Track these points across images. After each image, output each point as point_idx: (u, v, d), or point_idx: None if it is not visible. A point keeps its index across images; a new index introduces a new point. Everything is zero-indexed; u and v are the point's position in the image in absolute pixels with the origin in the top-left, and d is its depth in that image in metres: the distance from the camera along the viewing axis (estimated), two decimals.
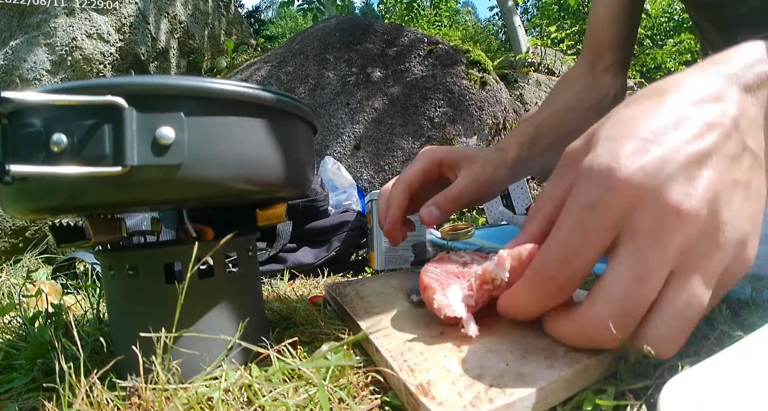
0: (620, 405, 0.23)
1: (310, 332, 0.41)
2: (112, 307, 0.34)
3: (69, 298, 0.58)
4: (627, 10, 0.60)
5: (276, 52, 2.05)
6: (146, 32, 2.11)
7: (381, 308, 0.41)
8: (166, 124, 0.25)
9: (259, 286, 0.39)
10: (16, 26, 1.90)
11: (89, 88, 0.24)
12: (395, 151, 1.64)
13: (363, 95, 1.75)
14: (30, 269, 1.04)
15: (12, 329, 0.46)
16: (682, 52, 7.30)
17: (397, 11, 6.81)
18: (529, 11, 12.24)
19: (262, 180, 0.30)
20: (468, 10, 19.34)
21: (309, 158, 0.36)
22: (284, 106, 0.31)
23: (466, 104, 1.72)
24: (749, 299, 0.33)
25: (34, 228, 1.64)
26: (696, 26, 0.68)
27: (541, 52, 3.20)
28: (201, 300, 0.32)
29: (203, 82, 0.27)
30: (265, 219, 0.38)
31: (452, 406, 0.22)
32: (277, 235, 0.81)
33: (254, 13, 7.74)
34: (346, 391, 0.26)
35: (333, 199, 1.15)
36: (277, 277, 0.74)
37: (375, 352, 0.31)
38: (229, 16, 2.91)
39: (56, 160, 0.24)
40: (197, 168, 0.26)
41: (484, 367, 0.25)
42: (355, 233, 0.86)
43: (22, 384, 0.34)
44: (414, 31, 1.94)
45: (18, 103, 0.24)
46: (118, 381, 0.27)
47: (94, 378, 0.26)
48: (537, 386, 0.23)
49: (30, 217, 0.30)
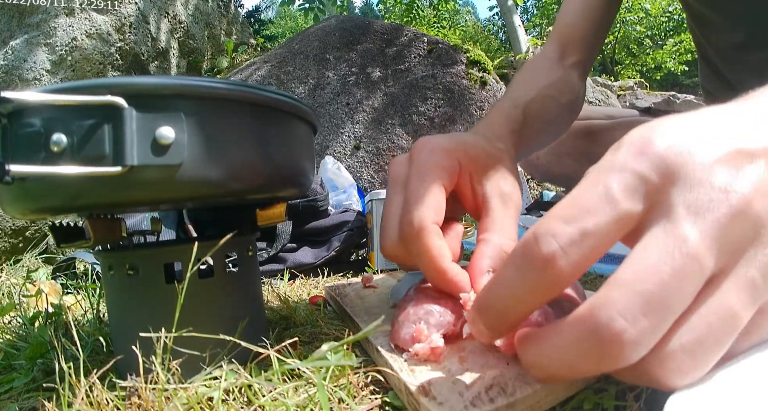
0: (620, 404, 0.23)
1: (310, 332, 0.41)
2: (112, 307, 0.34)
3: (69, 298, 0.58)
4: (601, 7, 0.58)
5: (276, 52, 2.05)
6: (146, 32, 2.11)
7: (381, 308, 0.41)
8: (166, 124, 0.25)
9: (259, 286, 0.39)
10: (16, 26, 1.90)
11: (89, 88, 0.24)
12: (395, 151, 1.64)
13: (363, 95, 1.75)
14: (30, 269, 1.04)
15: (12, 329, 0.46)
16: (682, 52, 7.30)
17: (397, 12, 6.81)
18: (529, 11, 12.24)
19: (261, 180, 0.30)
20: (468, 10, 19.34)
21: (309, 158, 0.36)
22: (284, 106, 0.31)
23: (466, 104, 1.72)
24: None
25: (34, 228, 1.64)
26: (697, 25, 0.68)
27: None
28: (201, 300, 0.32)
29: (203, 82, 0.27)
30: (265, 219, 0.38)
31: (453, 405, 0.22)
32: (277, 235, 0.81)
33: (254, 13, 7.74)
34: (346, 391, 0.26)
35: (333, 199, 1.15)
36: (277, 277, 0.74)
37: (375, 352, 0.31)
38: (229, 16, 2.91)
39: (56, 160, 0.24)
40: (197, 168, 0.26)
41: (485, 367, 0.25)
42: (355, 233, 0.86)
43: (22, 384, 0.34)
44: (414, 31, 1.94)
45: (18, 103, 0.24)
46: (118, 381, 0.27)
47: (94, 378, 0.26)
48: (537, 386, 0.23)
49: (30, 217, 0.30)
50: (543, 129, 0.49)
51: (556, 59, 0.57)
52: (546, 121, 0.48)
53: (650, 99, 3.44)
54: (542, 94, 0.49)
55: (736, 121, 0.20)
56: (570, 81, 0.56)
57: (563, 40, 0.59)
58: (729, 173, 0.18)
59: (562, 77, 0.55)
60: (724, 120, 0.20)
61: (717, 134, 0.19)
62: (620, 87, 3.67)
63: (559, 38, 0.60)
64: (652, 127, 0.20)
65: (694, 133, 0.19)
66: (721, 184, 0.17)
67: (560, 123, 0.54)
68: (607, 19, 0.59)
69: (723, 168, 0.18)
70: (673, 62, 7.39)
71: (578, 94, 0.56)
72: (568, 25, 0.59)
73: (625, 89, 3.64)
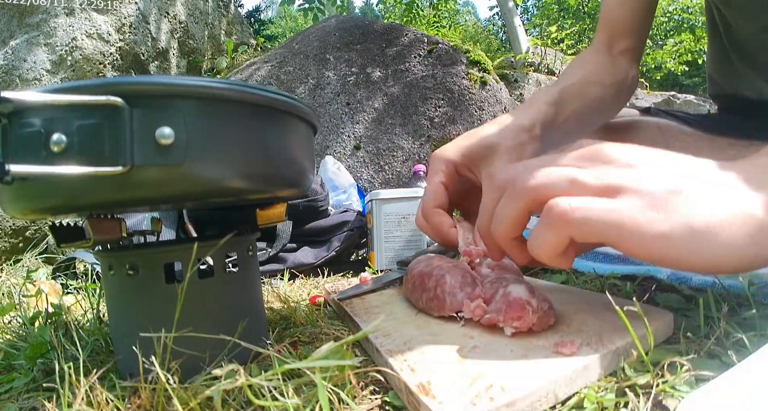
0: (621, 402, 0.23)
1: (310, 332, 0.41)
2: (112, 307, 0.34)
3: (69, 298, 0.58)
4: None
5: (276, 52, 2.05)
6: (146, 32, 2.11)
7: (381, 308, 0.41)
8: (166, 124, 0.25)
9: (259, 286, 0.39)
10: (16, 26, 1.90)
11: (89, 88, 0.24)
12: (395, 151, 1.64)
13: (363, 95, 1.75)
14: (30, 269, 1.04)
15: (12, 329, 0.46)
16: (682, 52, 7.29)
17: (397, 12, 6.81)
18: (529, 11, 12.24)
19: (261, 180, 0.30)
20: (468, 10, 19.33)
21: (309, 158, 0.36)
22: (284, 106, 0.31)
23: (466, 104, 1.72)
24: (749, 297, 0.33)
25: (34, 228, 1.64)
26: (720, 18, 0.66)
27: (541, 52, 3.20)
28: (201, 300, 0.32)
29: (203, 82, 0.27)
30: (265, 219, 0.38)
31: (453, 405, 0.22)
32: (277, 235, 0.81)
33: (254, 13, 7.74)
34: (346, 391, 0.26)
35: (333, 199, 1.15)
36: (277, 277, 0.74)
37: (375, 352, 0.31)
38: (229, 16, 2.91)
39: (56, 160, 0.24)
40: (197, 168, 0.26)
41: (485, 366, 0.25)
42: (355, 233, 0.86)
43: (22, 384, 0.34)
44: (414, 31, 1.94)
45: (18, 103, 0.24)
46: (118, 381, 0.27)
47: (94, 378, 0.26)
48: (538, 384, 0.23)
49: (30, 217, 0.30)
50: (583, 109, 0.53)
51: (603, 49, 0.60)
52: (587, 102, 0.53)
53: (650, 99, 3.44)
54: (583, 79, 0.54)
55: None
56: (617, 66, 0.58)
57: (610, 31, 0.61)
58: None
59: (607, 63, 0.58)
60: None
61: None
62: None
63: (605, 29, 0.62)
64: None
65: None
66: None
67: (607, 103, 0.58)
68: (650, 3, 0.61)
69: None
70: (673, 62, 7.38)
71: (627, 76, 0.59)
72: (613, 14, 0.61)
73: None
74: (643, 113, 0.73)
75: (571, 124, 0.51)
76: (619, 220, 0.23)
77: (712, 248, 0.23)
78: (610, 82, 0.56)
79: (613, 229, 0.24)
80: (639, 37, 0.61)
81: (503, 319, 0.30)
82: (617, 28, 0.60)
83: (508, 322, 0.30)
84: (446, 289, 0.35)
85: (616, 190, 0.25)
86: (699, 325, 0.30)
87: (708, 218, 0.23)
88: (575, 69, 0.58)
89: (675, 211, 0.23)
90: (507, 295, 0.31)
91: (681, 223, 0.23)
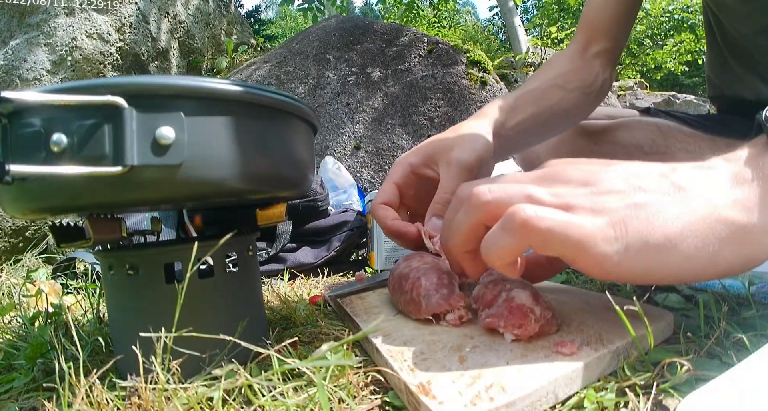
0: (621, 402, 0.23)
1: (310, 332, 0.41)
2: (112, 307, 0.34)
3: (69, 298, 0.58)
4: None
5: (276, 52, 2.05)
6: (146, 32, 2.11)
7: (381, 308, 0.41)
8: (166, 124, 0.25)
9: (259, 286, 0.39)
10: (16, 26, 1.90)
11: (89, 88, 0.24)
12: (395, 151, 1.64)
13: (363, 95, 1.75)
14: (30, 269, 1.04)
15: (12, 329, 0.46)
16: (682, 52, 7.29)
17: (397, 12, 6.81)
18: (529, 11, 12.24)
19: (261, 180, 0.30)
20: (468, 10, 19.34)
21: (309, 158, 0.36)
22: (284, 106, 0.31)
23: (466, 104, 1.72)
24: (748, 297, 0.33)
25: (34, 228, 1.64)
26: (715, 21, 0.66)
27: (541, 52, 3.20)
28: (201, 300, 0.32)
29: (203, 82, 0.27)
30: (265, 219, 0.38)
31: (453, 405, 0.22)
32: (277, 235, 0.81)
33: (254, 13, 7.74)
34: (346, 391, 0.26)
35: (333, 199, 1.15)
36: (277, 277, 0.74)
37: (375, 352, 0.31)
38: (229, 16, 2.91)
39: (56, 160, 0.24)
40: (197, 168, 0.26)
41: (485, 366, 0.25)
42: (355, 233, 0.86)
43: (22, 384, 0.34)
44: (414, 31, 1.94)
45: (18, 103, 0.24)
46: (118, 381, 0.27)
47: (94, 378, 0.26)
48: (537, 384, 0.23)
49: (30, 217, 0.30)
50: (542, 113, 0.53)
51: (578, 50, 0.60)
52: (546, 107, 0.53)
53: (650, 99, 3.44)
54: (545, 84, 0.54)
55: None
56: (588, 68, 0.58)
57: (588, 32, 0.61)
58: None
59: (576, 65, 0.58)
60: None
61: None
62: (620, 87, 3.67)
63: (583, 30, 0.61)
64: None
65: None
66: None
67: (570, 107, 0.57)
68: (631, 5, 0.60)
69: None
70: (673, 62, 7.38)
71: (596, 79, 0.58)
72: (592, 15, 0.61)
73: (625, 89, 3.64)
74: (643, 113, 0.73)
75: (528, 128, 0.51)
76: (578, 236, 0.23)
77: (677, 260, 0.22)
78: (574, 86, 0.56)
79: (572, 245, 0.23)
80: (616, 39, 0.61)
81: (504, 325, 0.29)
82: (595, 30, 0.60)
83: (508, 329, 0.29)
84: (421, 292, 0.35)
85: (572, 209, 0.25)
86: (699, 325, 0.30)
87: (666, 230, 0.23)
88: (541, 73, 0.59)
89: (631, 227, 0.23)
90: (510, 300, 0.30)
91: (637, 240, 0.23)
